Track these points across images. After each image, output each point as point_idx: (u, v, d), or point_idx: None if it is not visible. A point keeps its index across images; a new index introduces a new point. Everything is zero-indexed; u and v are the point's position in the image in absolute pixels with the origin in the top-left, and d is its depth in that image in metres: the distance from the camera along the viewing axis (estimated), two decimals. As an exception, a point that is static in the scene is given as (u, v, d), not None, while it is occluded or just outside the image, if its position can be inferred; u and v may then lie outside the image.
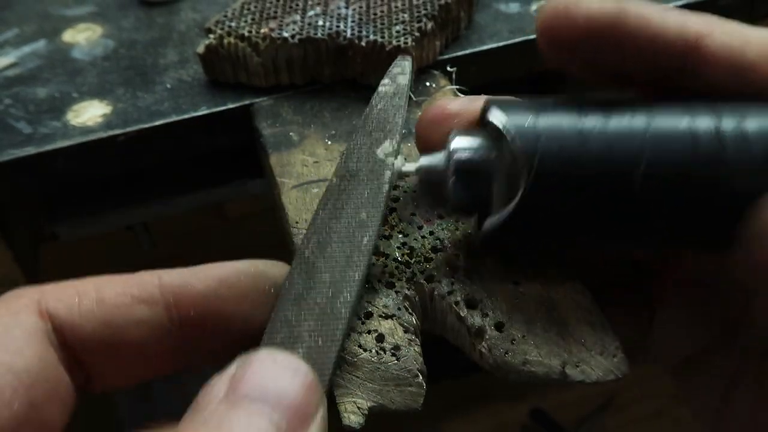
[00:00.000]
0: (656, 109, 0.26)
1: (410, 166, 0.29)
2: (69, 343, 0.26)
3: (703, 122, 0.26)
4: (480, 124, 0.29)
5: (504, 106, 0.27)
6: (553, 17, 0.25)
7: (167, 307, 0.26)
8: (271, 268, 0.28)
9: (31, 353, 0.24)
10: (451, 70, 0.47)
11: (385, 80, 0.35)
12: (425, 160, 0.29)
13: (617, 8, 0.24)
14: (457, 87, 0.46)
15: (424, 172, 0.29)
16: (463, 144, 0.28)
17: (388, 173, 0.31)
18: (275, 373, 0.23)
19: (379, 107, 0.34)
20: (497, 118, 0.27)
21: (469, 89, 0.45)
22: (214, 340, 0.27)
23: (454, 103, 0.31)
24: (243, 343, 0.26)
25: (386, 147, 0.32)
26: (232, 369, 0.23)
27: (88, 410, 0.27)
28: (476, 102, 0.30)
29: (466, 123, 0.30)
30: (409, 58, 0.37)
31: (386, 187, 0.31)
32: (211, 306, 0.27)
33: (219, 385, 0.23)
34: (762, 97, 0.27)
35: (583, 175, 0.26)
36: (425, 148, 0.31)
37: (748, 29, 0.28)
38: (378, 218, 0.30)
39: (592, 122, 0.26)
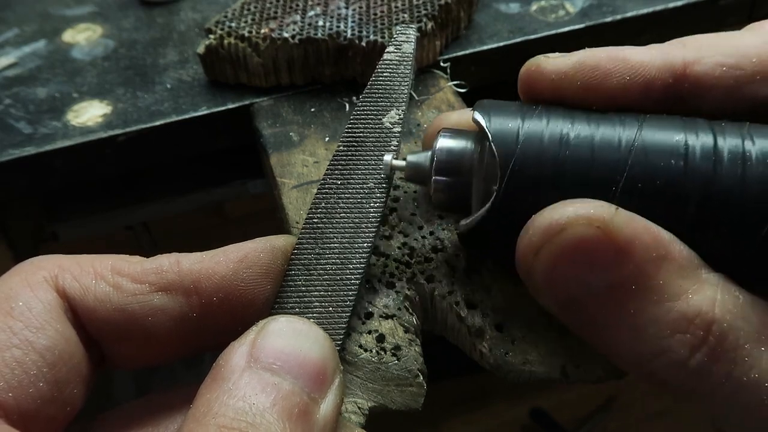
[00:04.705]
0: (650, 122, 0.26)
1: (399, 163, 0.30)
2: (82, 323, 0.25)
3: (700, 139, 0.25)
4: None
5: (491, 109, 0.27)
6: (527, 73, 0.29)
7: (187, 294, 0.26)
8: (281, 241, 0.28)
9: (53, 331, 0.24)
10: (445, 65, 0.47)
11: (390, 48, 0.34)
12: (412, 158, 0.30)
13: (575, 60, 0.27)
14: (456, 83, 0.46)
15: (410, 170, 0.30)
16: (446, 144, 0.29)
17: (394, 142, 0.31)
18: (295, 342, 0.23)
19: (384, 75, 0.33)
20: (480, 119, 0.27)
21: (469, 88, 0.45)
22: (235, 322, 0.26)
23: (461, 114, 0.31)
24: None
25: (392, 116, 0.32)
26: (251, 335, 0.23)
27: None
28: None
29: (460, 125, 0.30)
30: (413, 26, 0.36)
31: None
32: (233, 289, 0.26)
33: (239, 352, 0.23)
34: (761, 113, 0.26)
35: (560, 181, 0.25)
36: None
37: (735, 39, 0.28)
38: (385, 187, 0.30)
39: (577, 129, 0.26)
